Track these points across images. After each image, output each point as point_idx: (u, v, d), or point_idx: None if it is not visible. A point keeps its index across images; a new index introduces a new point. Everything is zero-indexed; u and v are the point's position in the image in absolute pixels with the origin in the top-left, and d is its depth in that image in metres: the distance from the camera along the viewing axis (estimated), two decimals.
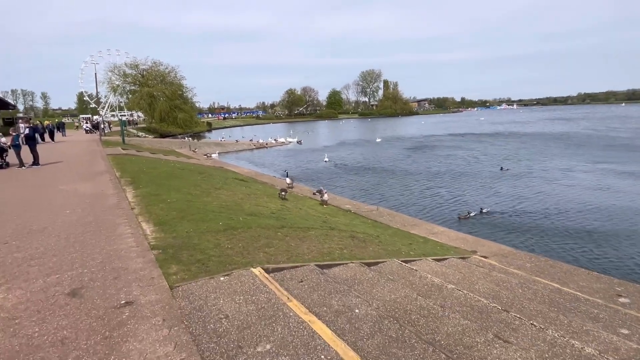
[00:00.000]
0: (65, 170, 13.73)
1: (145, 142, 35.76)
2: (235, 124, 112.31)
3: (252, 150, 41.69)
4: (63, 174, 12.68)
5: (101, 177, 11.78)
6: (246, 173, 20.36)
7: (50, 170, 13.63)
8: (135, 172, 12.76)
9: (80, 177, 11.92)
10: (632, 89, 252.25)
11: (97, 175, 12.03)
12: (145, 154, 22.76)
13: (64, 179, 11.67)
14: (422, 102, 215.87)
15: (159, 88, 65.11)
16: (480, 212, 14.28)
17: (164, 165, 16.01)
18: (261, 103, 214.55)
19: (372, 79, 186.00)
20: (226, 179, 15.01)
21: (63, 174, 12.68)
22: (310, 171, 27.94)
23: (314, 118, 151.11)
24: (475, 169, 25.32)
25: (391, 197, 18.43)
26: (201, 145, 37.49)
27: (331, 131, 78.13)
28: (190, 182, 11.74)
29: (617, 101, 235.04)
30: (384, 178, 24.07)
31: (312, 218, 9.20)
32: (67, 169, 13.89)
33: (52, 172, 13.32)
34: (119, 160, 16.37)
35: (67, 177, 11.92)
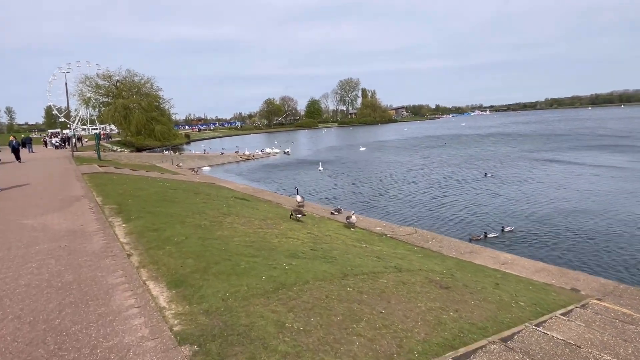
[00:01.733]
0: (32, 195, 11.25)
1: (123, 156, 32.92)
2: (214, 136, 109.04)
3: (239, 162, 39.34)
4: (29, 202, 10.24)
5: (78, 204, 9.45)
6: (242, 189, 18.21)
7: (12, 197, 11.12)
8: (120, 195, 10.48)
9: (52, 205, 9.54)
10: (595, 94, 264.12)
11: (73, 202, 9.69)
12: (125, 170, 20.23)
13: (29, 208, 9.27)
14: (399, 109, 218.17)
15: (134, 99, 61.89)
16: (502, 231, 12.50)
17: (151, 185, 13.71)
18: (238, 114, 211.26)
19: (351, 88, 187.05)
20: (227, 200, 12.88)
21: (29, 202, 10.24)
22: (306, 183, 26.00)
23: (294, 128, 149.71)
24: (471, 176, 24.04)
25: (399, 211, 16.74)
26: (184, 158, 34.92)
27: (314, 140, 76.44)
28: (190, 207, 9.59)
29: (583, 105, 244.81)
30: (384, 188, 22.48)
31: (357, 252, 7.27)
32: (34, 194, 11.40)
33: (14, 199, 10.83)
34: (97, 180, 13.96)
35: (34, 206, 9.51)
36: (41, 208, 9.16)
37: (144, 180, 15.15)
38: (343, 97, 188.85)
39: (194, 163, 34.08)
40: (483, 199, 18.12)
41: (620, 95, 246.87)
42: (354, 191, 22.07)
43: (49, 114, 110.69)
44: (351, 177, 27.37)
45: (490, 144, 48.23)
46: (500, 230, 12.57)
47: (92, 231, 6.82)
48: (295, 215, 10.75)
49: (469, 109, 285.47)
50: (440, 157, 36.62)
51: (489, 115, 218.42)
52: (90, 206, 9.05)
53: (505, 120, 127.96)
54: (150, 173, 21.48)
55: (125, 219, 7.65)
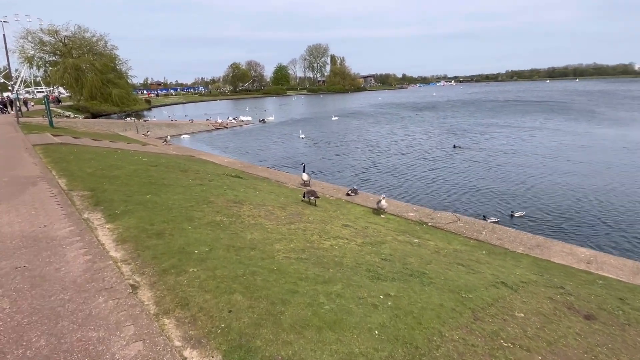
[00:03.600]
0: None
1: (79, 123, 28.99)
2: (177, 101, 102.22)
3: (211, 131, 36.24)
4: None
5: (34, 189, 7.06)
6: (228, 164, 15.96)
7: None
8: (90, 176, 8.11)
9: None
10: (552, 67, 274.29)
11: (27, 187, 7.26)
12: (86, 141, 17.24)
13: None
14: (368, 78, 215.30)
15: (86, 59, 55.53)
16: (510, 216, 11.24)
17: (125, 160, 11.24)
18: (200, 79, 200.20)
19: (319, 54, 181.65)
20: (221, 179, 10.76)
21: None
22: (292, 153, 24.03)
23: (261, 94, 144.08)
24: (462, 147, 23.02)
25: (396, 185, 15.41)
26: (151, 126, 31.42)
27: (285, 108, 73.08)
28: (188, 192, 7.49)
29: (541, 78, 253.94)
30: (372, 159, 21.19)
31: (427, 257, 5.64)
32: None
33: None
34: (54, 153, 11.26)
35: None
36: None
37: (114, 154, 12.54)
38: (312, 64, 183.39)
39: (161, 132, 30.75)
40: (478, 173, 17.08)
41: (574, 69, 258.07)
42: (345, 163, 20.38)
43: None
44: (336, 148, 25.63)
45: (478, 112, 47.73)
46: (510, 215, 11.28)
47: (63, 237, 4.67)
48: (308, 198, 8.96)
49: (434, 79, 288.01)
50: (421, 126, 35.48)
51: (455, 86, 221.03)
52: (52, 193, 6.71)
53: (475, 90, 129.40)
54: (116, 144, 18.56)
55: (108, 214, 5.49)
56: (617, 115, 38.01)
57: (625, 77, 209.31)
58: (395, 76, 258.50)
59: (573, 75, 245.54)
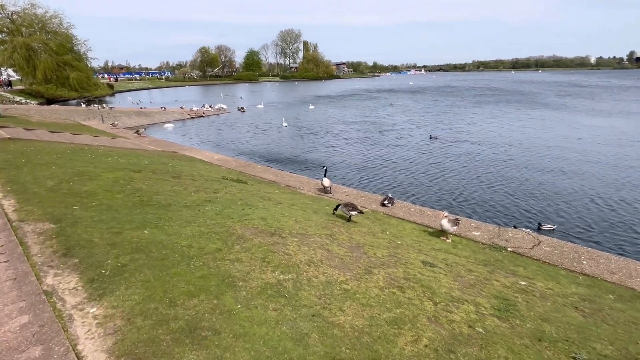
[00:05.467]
0: None
1: (32, 111, 25.13)
2: (141, 87, 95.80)
3: (185, 120, 33.04)
4: None
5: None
6: (221, 162, 13.57)
7: None
8: (51, 192, 5.70)
9: None
10: (515, 58, 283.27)
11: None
12: (42, 134, 14.24)
13: None
14: (340, 65, 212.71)
15: (38, 38, 49.84)
16: (537, 229, 9.31)
17: (97, 163, 8.70)
18: (165, 63, 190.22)
19: (292, 40, 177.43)
20: (222, 185, 8.52)
21: None
22: (280, 145, 21.81)
23: (232, 80, 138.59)
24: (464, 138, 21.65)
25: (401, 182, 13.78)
26: (118, 115, 27.91)
27: (259, 96, 69.68)
28: (204, 220, 5.27)
29: (505, 69, 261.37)
30: (366, 152, 19.54)
31: (581, 323, 3.83)
32: None
33: None
34: (0, 154, 8.56)
35: None
36: None
37: (80, 154, 9.89)
38: (284, 50, 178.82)
39: (131, 121, 27.44)
40: (477, 167, 15.68)
41: (536, 61, 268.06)
42: (338, 157, 18.43)
43: None
44: (323, 138, 23.70)
45: (463, 99, 46.82)
46: (537, 228, 9.37)
47: (9, 348, 2.46)
48: (348, 214, 6.99)
49: (404, 68, 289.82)
50: (409, 114, 33.96)
51: (425, 75, 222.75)
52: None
53: (448, 79, 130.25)
54: (80, 137, 15.63)
55: (89, 279, 3.26)
56: (602, 106, 38.18)
57: (582, 69, 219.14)
58: (366, 64, 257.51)
59: (535, 67, 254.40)
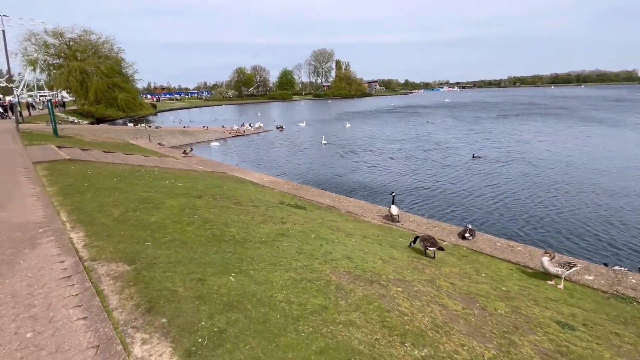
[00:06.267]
0: None
1: (85, 130, 26.22)
2: (182, 106, 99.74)
3: (226, 139, 33.46)
4: None
5: (32, 259, 4.26)
6: (273, 184, 13.17)
7: None
8: (120, 223, 5.33)
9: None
10: (554, 74, 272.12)
11: (20, 253, 4.47)
12: (97, 154, 14.47)
13: None
14: (372, 83, 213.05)
15: (91, 62, 53.03)
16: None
17: (157, 187, 8.44)
18: (203, 83, 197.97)
19: (325, 59, 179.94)
20: (290, 214, 7.98)
21: None
22: (324, 165, 21.31)
23: (266, 99, 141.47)
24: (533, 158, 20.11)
25: (452, 206, 12.54)
26: (163, 134, 28.65)
27: (293, 114, 70.30)
28: (288, 259, 4.69)
29: (544, 84, 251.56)
30: (413, 173, 18.44)
31: None
32: None
33: None
34: (62, 177, 8.48)
35: None
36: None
37: (138, 176, 9.73)
38: (317, 69, 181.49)
39: (176, 140, 28.03)
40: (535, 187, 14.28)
41: (577, 76, 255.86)
42: (389, 180, 17.42)
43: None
44: (366, 158, 22.99)
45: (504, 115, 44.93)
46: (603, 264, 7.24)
47: None
48: (425, 248, 6.21)
49: (436, 85, 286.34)
50: (449, 131, 32.65)
51: (459, 91, 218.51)
52: (62, 267, 3.92)
53: (484, 95, 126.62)
54: (132, 156, 15.81)
55: (186, 354, 2.69)
56: None
57: (628, 83, 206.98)
58: (397, 82, 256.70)
59: (577, 82, 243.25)
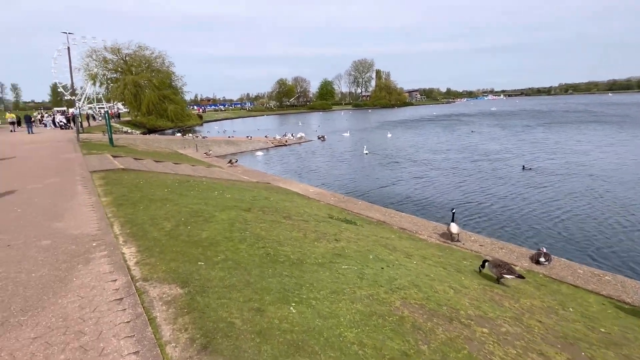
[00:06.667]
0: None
1: (138, 140, 27.56)
2: (226, 117, 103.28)
3: (268, 149, 33.86)
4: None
5: (85, 275, 4.17)
6: (317, 196, 12.86)
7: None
8: (171, 238, 5.20)
9: (30, 280, 4.29)
10: (612, 80, 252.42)
11: (73, 269, 4.41)
12: (149, 164, 14.94)
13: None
14: (413, 92, 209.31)
15: (145, 76, 56.20)
16: None
17: (206, 198, 8.40)
18: (245, 94, 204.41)
19: (365, 69, 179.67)
20: (342, 230, 7.57)
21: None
22: (367, 175, 20.75)
23: (306, 109, 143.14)
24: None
25: (513, 224, 11.32)
26: (209, 143, 29.48)
27: (333, 124, 70.15)
28: (349, 285, 4.27)
29: (600, 91, 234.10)
30: (466, 187, 17.07)
31: None
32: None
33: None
34: (116, 187, 8.67)
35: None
36: None
37: (187, 186, 9.79)
38: (357, 79, 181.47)
39: (221, 149, 28.71)
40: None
41: (639, 81, 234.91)
42: (436, 192, 16.37)
43: (55, 91, 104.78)
44: (411, 169, 22.05)
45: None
46: None
47: None
48: (494, 272, 5.52)
49: (480, 93, 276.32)
50: (497, 143, 30.79)
51: (506, 100, 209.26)
52: (114, 287, 3.74)
53: (533, 103, 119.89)
54: (181, 166, 16.20)
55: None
56: None
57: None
58: (439, 90, 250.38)
59: (638, 88, 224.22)
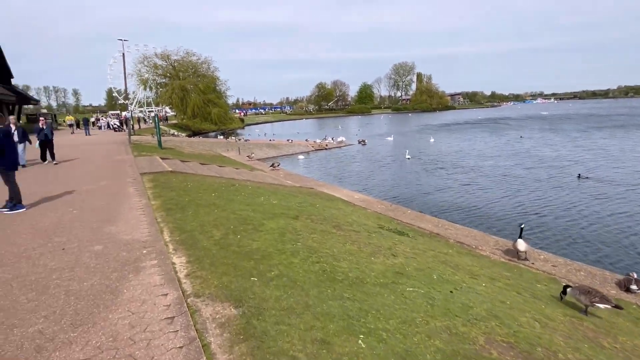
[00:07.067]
0: (45, 246, 6.09)
1: (184, 143, 28.44)
2: (266, 120, 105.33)
3: (309, 153, 33.75)
4: (23, 272, 4.99)
5: (135, 287, 3.99)
6: (362, 203, 12.39)
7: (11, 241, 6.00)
8: (222, 249, 4.95)
9: (81, 288, 4.19)
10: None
11: (124, 278, 4.26)
12: (195, 166, 15.17)
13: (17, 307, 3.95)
14: (455, 96, 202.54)
15: (191, 81, 58.36)
16: None
17: (253, 204, 8.21)
18: (285, 98, 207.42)
19: (405, 72, 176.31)
20: (396, 243, 7.07)
21: (23, 272, 4.99)
22: (407, 179, 20.00)
23: (345, 113, 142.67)
24: None
25: (585, 241, 10.05)
26: (251, 147, 29.85)
27: (372, 127, 69.27)
28: (415, 314, 3.82)
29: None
30: (511, 189, 15.79)
31: None
32: (53, 241, 6.24)
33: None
34: (165, 190, 8.70)
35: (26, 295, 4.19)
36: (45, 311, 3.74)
37: (234, 190, 9.68)
38: (397, 82, 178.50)
39: (262, 153, 28.96)
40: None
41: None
42: (488, 201, 15.15)
43: (110, 96, 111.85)
44: (457, 176, 20.86)
45: None
46: None
47: None
48: (580, 300, 4.77)
49: (528, 97, 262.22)
50: (552, 149, 28.55)
51: (557, 103, 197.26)
52: (164, 303, 3.49)
53: (589, 107, 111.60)
54: (225, 169, 16.33)
55: None
56: None
57: None
58: (483, 94, 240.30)
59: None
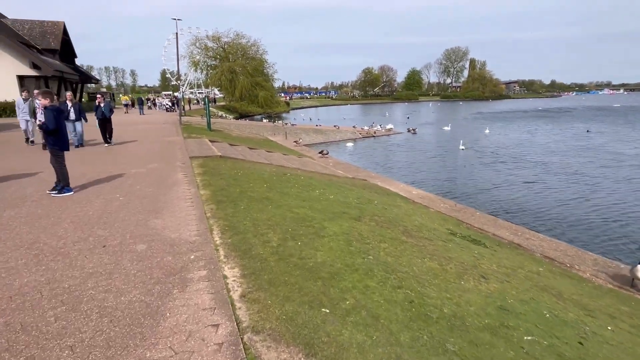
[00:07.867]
0: (87, 240, 5.66)
1: (232, 125, 28.37)
2: (311, 105, 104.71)
3: (356, 140, 32.56)
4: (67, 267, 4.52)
5: (180, 307, 3.36)
6: (419, 199, 11.26)
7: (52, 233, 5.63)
8: (280, 260, 4.21)
9: (129, 290, 3.62)
10: None
11: (168, 293, 3.64)
12: (244, 151, 14.69)
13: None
14: (510, 84, 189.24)
15: (240, 63, 58.63)
16: None
17: (310, 199, 7.44)
18: (330, 83, 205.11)
19: (458, 58, 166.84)
20: (477, 257, 6.01)
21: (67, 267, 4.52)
22: (463, 173, 18.45)
23: (391, 100, 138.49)
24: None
25: None
26: (298, 131, 29.25)
27: (420, 115, 66.23)
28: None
29: None
30: (585, 190, 13.81)
31: None
32: (96, 234, 5.82)
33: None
34: (215, 177, 8.15)
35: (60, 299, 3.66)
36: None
37: (285, 181, 8.97)
38: (448, 68, 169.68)
39: (309, 138, 28.25)
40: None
41: None
42: (558, 203, 13.20)
43: (164, 77, 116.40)
44: (519, 171, 18.91)
45: None
46: None
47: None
48: None
49: (593, 87, 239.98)
50: (628, 145, 25.19)
51: (628, 95, 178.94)
52: (216, 335, 2.76)
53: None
54: (274, 155, 15.74)
55: None
56: None
57: None
58: (541, 82, 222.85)
59: None
